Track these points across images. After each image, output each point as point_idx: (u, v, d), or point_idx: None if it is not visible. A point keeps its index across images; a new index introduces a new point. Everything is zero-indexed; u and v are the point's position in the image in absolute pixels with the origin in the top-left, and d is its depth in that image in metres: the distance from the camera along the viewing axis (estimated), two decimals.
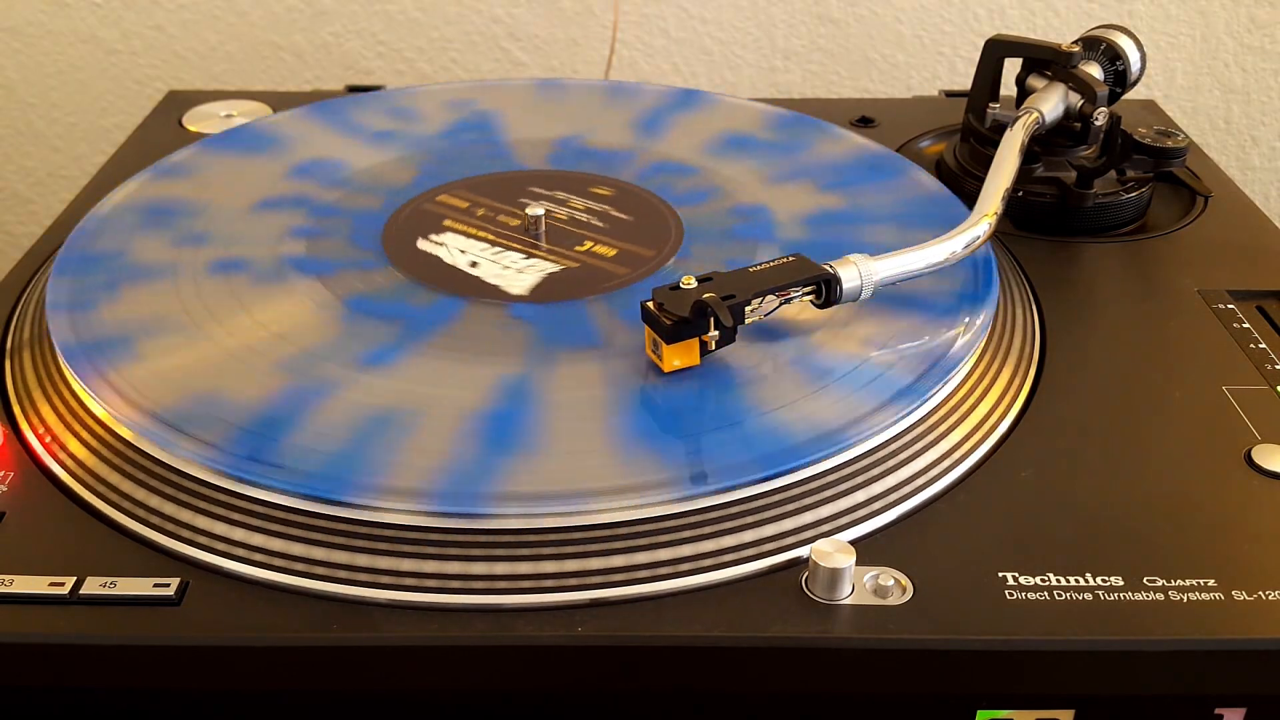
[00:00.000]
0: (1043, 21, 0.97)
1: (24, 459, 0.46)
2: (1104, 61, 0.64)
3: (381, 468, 0.43)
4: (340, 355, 0.49)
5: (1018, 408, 0.49)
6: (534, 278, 0.55)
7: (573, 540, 0.41)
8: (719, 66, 1.00)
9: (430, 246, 0.57)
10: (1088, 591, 0.40)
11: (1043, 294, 0.57)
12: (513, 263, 0.56)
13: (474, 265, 0.55)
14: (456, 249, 0.56)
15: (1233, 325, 0.55)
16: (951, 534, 0.43)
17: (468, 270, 0.55)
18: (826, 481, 0.44)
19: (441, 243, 0.57)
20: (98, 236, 0.58)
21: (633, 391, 0.47)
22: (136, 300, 0.52)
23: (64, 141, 1.03)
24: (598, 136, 0.69)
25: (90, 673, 0.39)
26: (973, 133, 0.67)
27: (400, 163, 0.65)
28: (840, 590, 0.40)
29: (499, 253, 0.56)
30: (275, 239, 0.57)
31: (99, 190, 0.64)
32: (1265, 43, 0.97)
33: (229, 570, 0.41)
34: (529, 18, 0.98)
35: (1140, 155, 0.63)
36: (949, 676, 0.39)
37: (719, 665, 0.39)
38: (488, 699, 0.40)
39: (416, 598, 0.40)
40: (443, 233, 0.58)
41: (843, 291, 0.49)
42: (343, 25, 0.98)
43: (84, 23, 0.98)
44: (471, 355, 0.49)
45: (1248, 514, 0.44)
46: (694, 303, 0.46)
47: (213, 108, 0.77)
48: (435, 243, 0.57)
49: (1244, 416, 0.49)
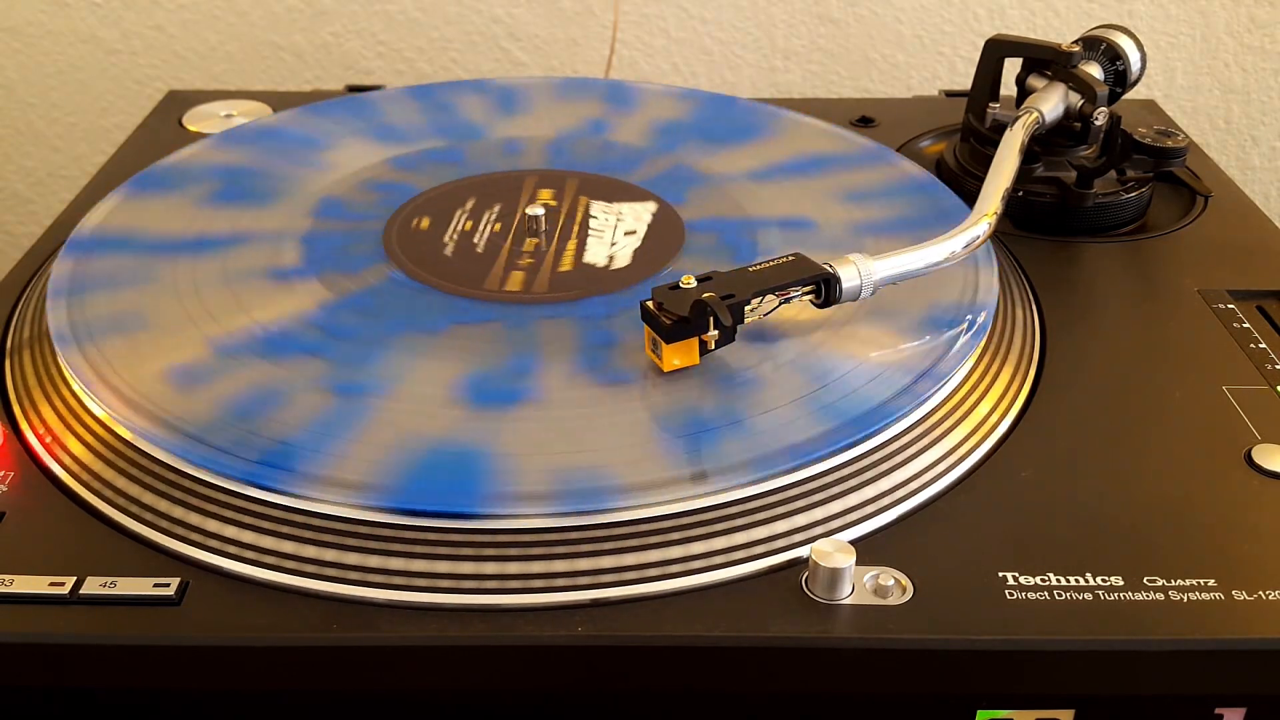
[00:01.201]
0: (1043, 21, 0.97)
1: (24, 459, 0.46)
2: (1104, 61, 0.64)
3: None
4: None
5: (1018, 408, 0.49)
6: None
7: (573, 540, 0.41)
8: (719, 66, 1.00)
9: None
10: (1088, 591, 0.40)
11: (1043, 294, 0.57)
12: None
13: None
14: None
15: (1233, 325, 0.54)
16: (951, 534, 0.43)
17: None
18: (826, 481, 0.44)
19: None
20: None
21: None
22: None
23: (64, 141, 1.03)
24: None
25: (90, 673, 0.39)
26: (973, 133, 0.67)
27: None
28: (840, 590, 0.40)
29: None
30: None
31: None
32: (1265, 43, 0.97)
33: (229, 570, 0.41)
34: (529, 18, 0.98)
35: (1140, 155, 0.63)
36: (949, 676, 0.39)
37: (719, 665, 0.39)
38: (488, 699, 0.40)
39: (416, 598, 0.40)
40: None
41: (842, 291, 0.49)
42: (343, 25, 0.98)
43: (84, 23, 0.98)
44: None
45: (1248, 514, 0.44)
46: (693, 302, 0.46)
47: (213, 108, 0.77)
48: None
49: (1244, 416, 0.49)
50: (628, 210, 0.61)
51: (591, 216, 0.60)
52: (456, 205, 0.61)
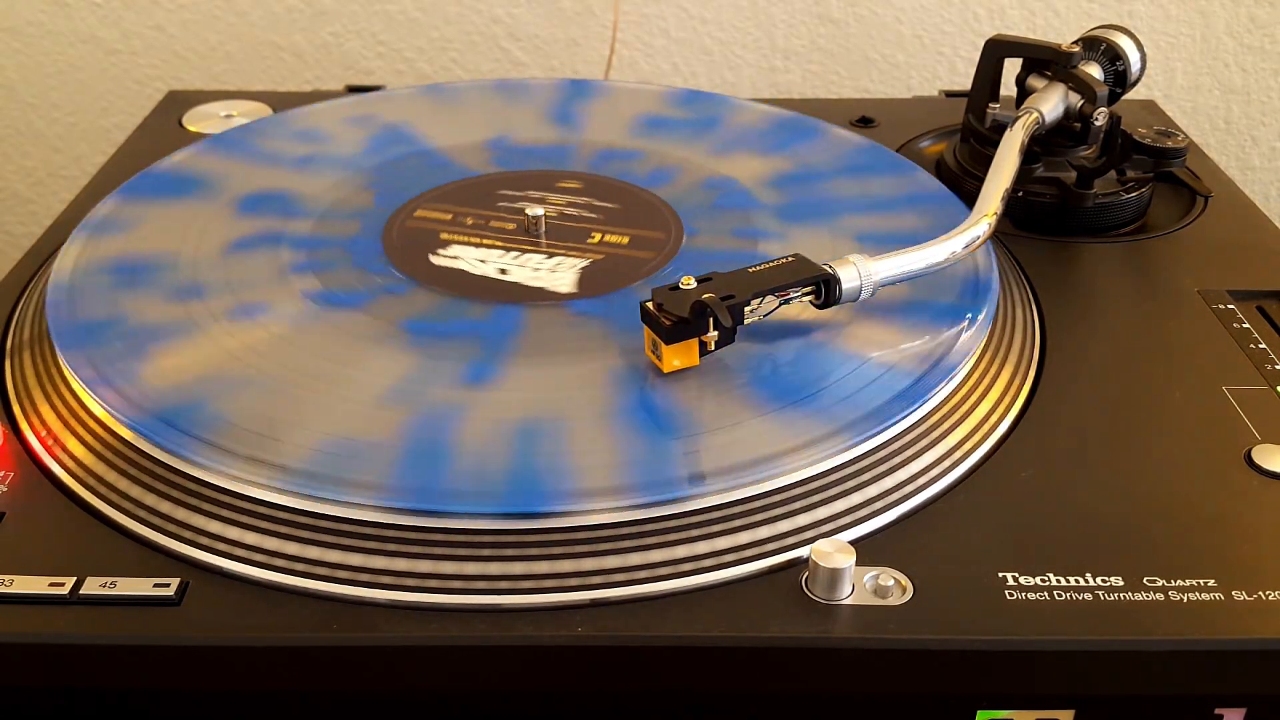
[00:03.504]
0: (1043, 21, 0.97)
1: (24, 459, 0.46)
2: (1104, 61, 0.64)
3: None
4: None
5: (1018, 408, 0.49)
6: (572, 274, 0.54)
7: (573, 540, 0.41)
8: (719, 66, 1.00)
9: (447, 261, 0.55)
10: (1088, 591, 0.40)
11: (1043, 294, 0.57)
12: (540, 264, 0.55)
13: (504, 272, 0.55)
14: (475, 259, 0.56)
15: (1233, 325, 0.55)
16: (951, 534, 0.43)
17: (502, 278, 0.54)
18: (826, 481, 0.44)
19: (455, 255, 0.56)
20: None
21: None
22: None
23: (64, 141, 1.03)
24: (523, 134, 0.69)
25: (90, 673, 0.39)
26: (973, 133, 0.67)
27: (345, 185, 0.63)
28: (840, 590, 0.40)
29: (517, 256, 0.56)
30: (276, 278, 0.54)
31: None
32: (1265, 43, 0.97)
33: (229, 570, 0.41)
34: (529, 18, 0.98)
35: (1140, 155, 0.63)
36: (949, 676, 0.39)
37: (719, 665, 0.39)
38: (488, 699, 0.40)
39: (416, 598, 0.40)
40: (448, 246, 0.57)
41: (842, 292, 0.49)
42: (343, 25, 0.98)
43: (84, 23, 0.98)
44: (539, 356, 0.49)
45: (1248, 514, 0.44)
46: (693, 303, 0.46)
47: (213, 108, 0.77)
48: (449, 256, 0.56)
49: (1244, 416, 0.49)
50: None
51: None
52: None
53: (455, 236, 0.58)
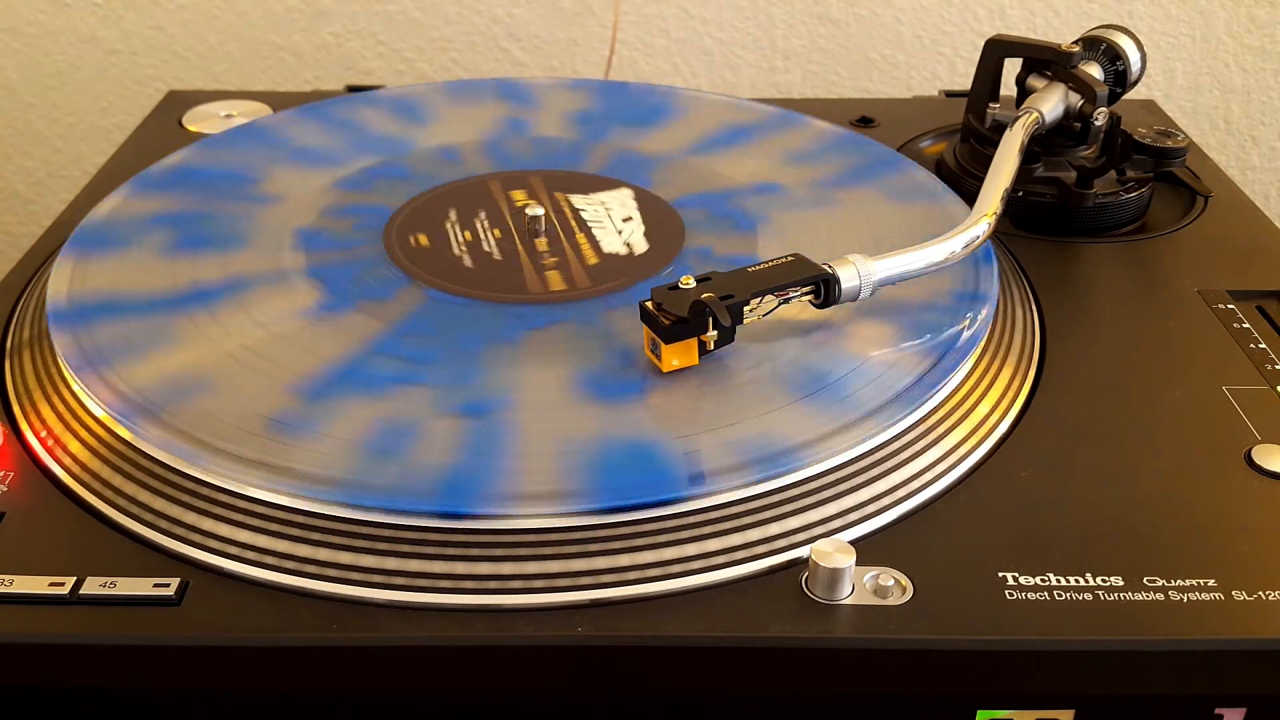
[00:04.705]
0: (1043, 21, 0.97)
1: (24, 459, 0.46)
2: (1104, 61, 0.64)
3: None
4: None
5: (1018, 408, 0.49)
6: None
7: (573, 540, 0.41)
8: (719, 66, 1.00)
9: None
10: (1088, 591, 0.40)
11: (1043, 294, 0.57)
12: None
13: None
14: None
15: (1233, 325, 0.54)
16: (951, 534, 0.43)
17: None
18: (826, 481, 0.44)
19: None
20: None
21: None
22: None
23: (64, 141, 1.03)
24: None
25: (90, 673, 0.39)
26: (973, 133, 0.67)
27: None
28: (840, 590, 0.40)
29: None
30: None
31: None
32: (1265, 43, 0.97)
33: (229, 570, 0.41)
34: (529, 18, 0.98)
35: (1140, 155, 0.63)
36: (949, 676, 0.39)
37: (719, 665, 0.39)
38: (488, 699, 0.40)
39: (416, 598, 0.40)
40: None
41: (841, 291, 0.49)
42: (343, 25, 0.98)
43: (84, 23, 0.98)
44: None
45: (1248, 514, 0.44)
46: (692, 303, 0.46)
47: (213, 108, 0.77)
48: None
49: (1244, 416, 0.49)
50: (609, 199, 0.61)
51: (579, 210, 0.60)
52: (441, 217, 0.59)
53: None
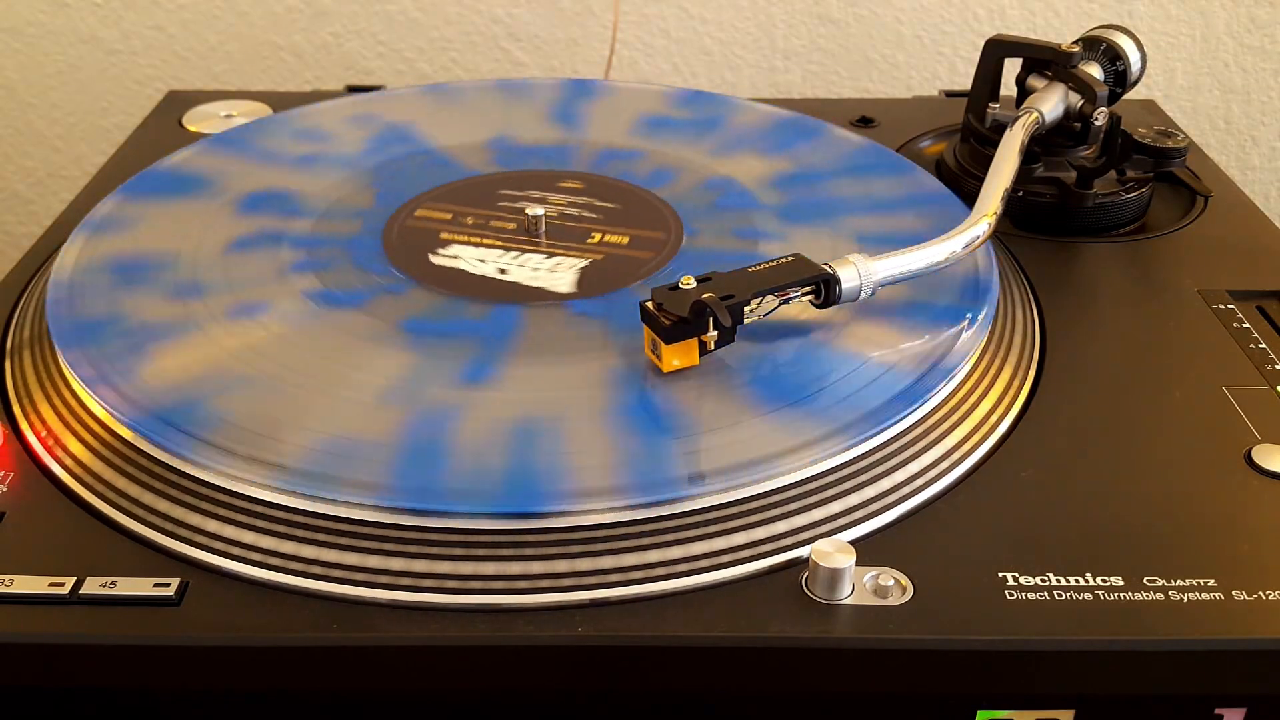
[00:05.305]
0: (1043, 21, 0.97)
1: (24, 459, 0.46)
2: (1104, 61, 0.64)
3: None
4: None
5: (1018, 408, 0.49)
6: (572, 274, 0.54)
7: (573, 540, 0.41)
8: (719, 66, 1.00)
9: (446, 261, 0.55)
10: (1088, 591, 0.40)
11: (1043, 294, 0.57)
12: (540, 264, 0.55)
13: (503, 272, 0.55)
14: (474, 259, 0.56)
15: (1233, 325, 0.54)
16: (951, 534, 0.43)
17: (501, 278, 0.54)
18: (826, 481, 0.44)
19: (455, 255, 0.56)
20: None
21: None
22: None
23: (64, 141, 1.03)
24: (523, 134, 0.69)
25: (90, 673, 0.39)
26: (973, 133, 0.67)
27: (345, 184, 0.63)
28: (840, 590, 0.40)
29: (517, 256, 0.56)
30: (275, 278, 0.54)
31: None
32: (1265, 43, 0.97)
33: (229, 570, 0.41)
34: (529, 18, 0.98)
35: (1140, 155, 0.63)
36: (949, 676, 0.39)
37: (719, 665, 0.39)
38: (488, 699, 0.40)
39: (416, 598, 0.40)
40: (448, 245, 0.57)
41: (842, 291, 0.49)
42: (343, 25, 0.98)
43: (84, 23, 0.98)
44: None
45: (1248, 514, 0.44)
46: (693, 303, 0.46)
47: (213, 108, 0.77)
48: (449, 256, 0.56)
49: (1244, 416, 0.49)
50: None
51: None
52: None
53: (455, 236, 0.58)
